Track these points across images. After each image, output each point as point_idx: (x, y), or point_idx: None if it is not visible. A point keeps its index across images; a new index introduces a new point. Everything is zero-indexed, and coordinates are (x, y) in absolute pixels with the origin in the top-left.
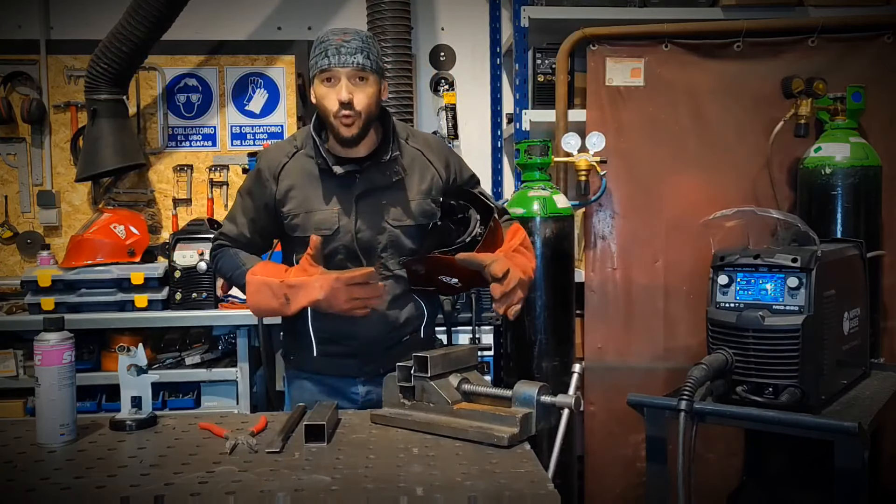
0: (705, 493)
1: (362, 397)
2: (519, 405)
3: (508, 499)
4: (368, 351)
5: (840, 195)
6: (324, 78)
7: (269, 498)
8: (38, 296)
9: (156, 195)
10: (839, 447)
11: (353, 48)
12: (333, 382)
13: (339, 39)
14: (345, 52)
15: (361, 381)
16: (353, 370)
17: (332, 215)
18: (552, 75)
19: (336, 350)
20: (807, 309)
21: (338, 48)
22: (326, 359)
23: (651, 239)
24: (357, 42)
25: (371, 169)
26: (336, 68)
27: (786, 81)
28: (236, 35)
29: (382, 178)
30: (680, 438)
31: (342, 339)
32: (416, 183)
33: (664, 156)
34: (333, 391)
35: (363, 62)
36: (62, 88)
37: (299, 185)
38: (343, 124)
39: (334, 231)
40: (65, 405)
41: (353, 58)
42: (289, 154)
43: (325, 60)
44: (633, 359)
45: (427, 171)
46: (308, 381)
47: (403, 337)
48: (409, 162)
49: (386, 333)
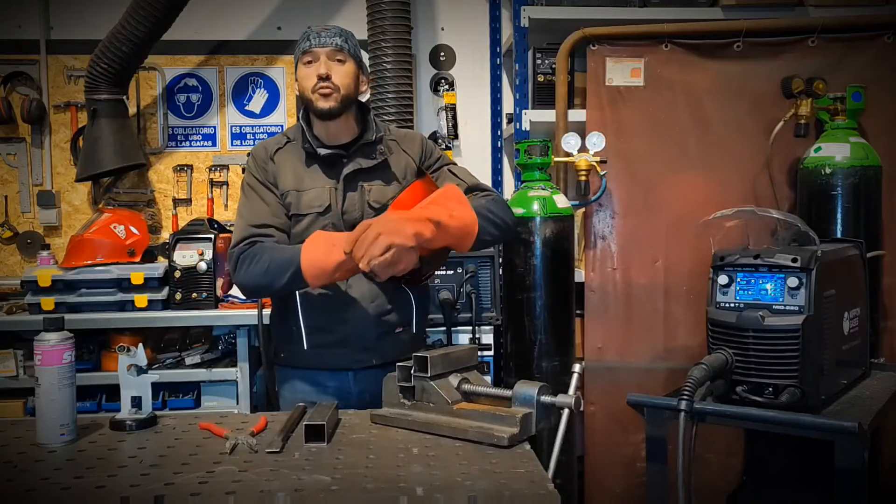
0: (705, 493)
1: (356, 398)
2: (519, 405)
3: (508, 499)
4: (359, 337)
5: (840, 195)
6: (305, 60)
7: (269, 498)
8: (38, 296)
9: (156, 195)
10: (839, 447)
11: (332, 33)
12: (325, 380)
13: (320, 28)
14: (324, 36)
15: (353, 376)
16: (345, 361)
17: (322, 192)
18: (552, 75)
19: (326, 340)
20: (807, 309)
21: (318, 34)
22: (317, 351)
23: (651, 239)
24: (336, 30)
25: (356, 152)
26: (315, 48)
27: (786, 81)
28: (236, 35)
29: (367, 160)
30: (680, 438)
31: (332, 325)
32: (393, 167)
33: (664, 156)
34: (326, 391)
35: (341, 44)
36: (62, 88)
37: (291, 167)
38: (321, 95)
39: (325, 209)
40: (65, 405)
41: (332, 39)
42: (280, 143)
43: (307, 43)
44: (633, 359)
45: (401, 157)
46: (300, 380)
47: (395, 328)
48: (387, 147)
49: (374, 317)
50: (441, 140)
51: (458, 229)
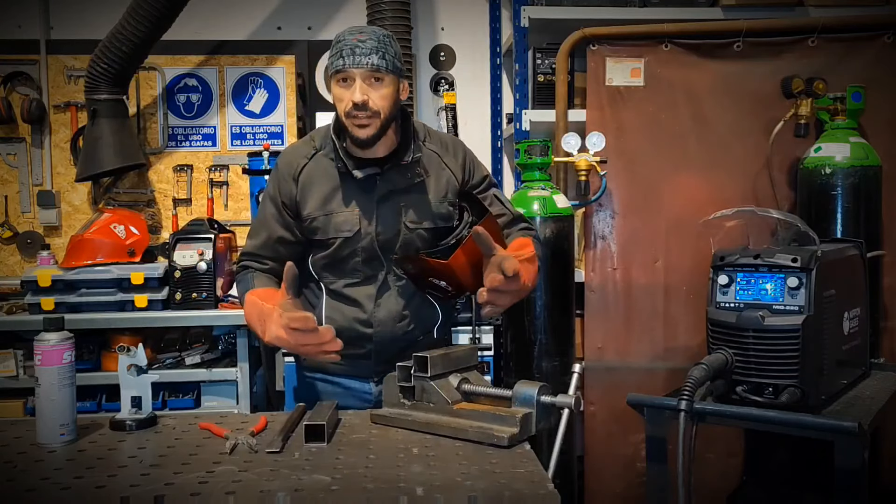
0: (705, 493)
1: (375, 396)
2: (519, 405)
3: (508, 499)
4: (382, 352)
5: (840, 195)
6: (339, 78)
7: (269, 498)
8: (38, 296)
9: (156, 195)
10: (839, 447)
11: (368, 48)
12: (346, 382)
13: (355, 39)
14: (359, 53)
15: (374, 380)
16: (367, 371)
17: (352, 217)
18: (552, 75)
19: (350, 352)
20: (807, 309)
21: (353, 48)
22: (340, 360)
23: (651, 239)
24: (373, 42)
25: (391, 171)
26: (351, 69)
27: (786, 81)
28: (236, 35)
29: (403, 179)
30: (680, 438)
31: (357, 340)
32: (433, 185)
33: (664, 156)
34: (345, 391)
35: (378, 63)
36: (62, 88)
37: (319, 187)
38: (356, 125)
39: (355, 233)
40: (65, 405)
41: (368, 58)
42: (307, 155)
43: (341, 61)
44: (633, 359)
45: (443, 173)
46: (321, 381)
47: (418, 337)
48: (425, 163)
49: (400, 335)
50: None
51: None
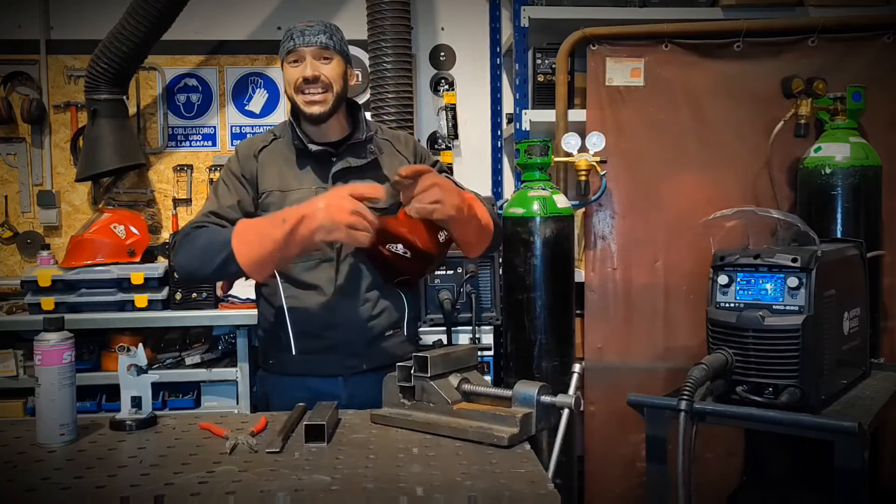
0: (705, 493)
1: (345, 403)
2: (519, 405)
3: (508, 499)
4: (348, 342)
5: (840, 195)
6: (290, 60)
7: (269, 498)
8: (38, 296)
9: (156, 195)
10: (839, 447)
11: (317, 31)
12: (315, 385)
13: (303, 25)
14: (308, 34)
15: (343, 381)
16: (334, 367)
17: (308, 194)
18: (552, 75)
19: (315, 345)
20: (807, 309)
21: (302, 31)
22: (306, 357)
23: (651, 239)
24: (320, 26)
25: (346, 151)
26: (301, 48)
27: (786, 81)
28: (236, 35)
29: (357, 158)
30: (680, 438)
31: (321, 330)
32: (386, 163)
33: (664, 156)
34: (316, 395)
35: (326, 42)
36: (62, 88)
37: (277, 166)
38: (307, 101)
39: None
40: (65, 405)
41: (317, 38)
42: (266, 140)
43: (291, 42)
44: (633, 359)
45: (395, 157)
46: (289, 386)
47: (385, 331)
48: (378, 145)
49: (365, 321)
50: (441, 140)
51: (480, 228)
